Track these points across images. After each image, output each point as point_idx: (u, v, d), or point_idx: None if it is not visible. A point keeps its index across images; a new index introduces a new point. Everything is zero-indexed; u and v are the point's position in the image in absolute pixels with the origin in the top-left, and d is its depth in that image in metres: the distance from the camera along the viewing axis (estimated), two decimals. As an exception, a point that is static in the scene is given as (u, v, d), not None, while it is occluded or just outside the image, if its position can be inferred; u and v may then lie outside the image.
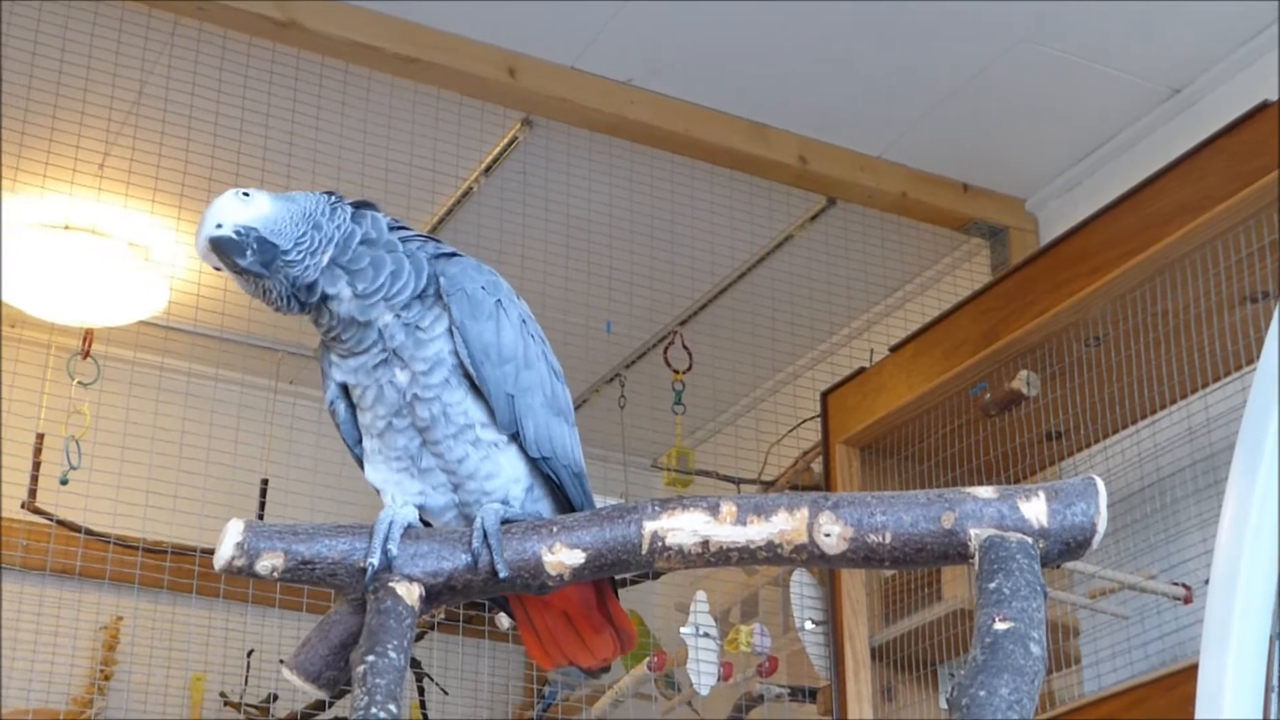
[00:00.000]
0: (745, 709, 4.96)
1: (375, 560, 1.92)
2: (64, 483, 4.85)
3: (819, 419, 4.85)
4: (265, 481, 5.43)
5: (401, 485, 2.08)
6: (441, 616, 5.38)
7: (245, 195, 2.01)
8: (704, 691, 4.67)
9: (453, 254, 2.12)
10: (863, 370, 4.77)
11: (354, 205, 2.08)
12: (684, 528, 1.91)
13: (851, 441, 4.69)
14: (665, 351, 5.43)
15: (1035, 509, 1.82)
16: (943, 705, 4.62)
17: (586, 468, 2.21)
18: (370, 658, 1.83)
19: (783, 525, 1.88)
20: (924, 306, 5.36)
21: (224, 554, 1.92)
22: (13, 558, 5.29)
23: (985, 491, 1.85)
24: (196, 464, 4.95)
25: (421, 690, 5.68)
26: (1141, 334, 3.98)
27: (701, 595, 4.79)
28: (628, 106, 4.79)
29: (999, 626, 1.70)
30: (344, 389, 2.10)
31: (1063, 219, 4.96)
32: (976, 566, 1.79)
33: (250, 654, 5.51)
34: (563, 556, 1.93)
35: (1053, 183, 5.21)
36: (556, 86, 4.71)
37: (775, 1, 4.49)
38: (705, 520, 1.90)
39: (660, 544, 1.91)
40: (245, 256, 1.98)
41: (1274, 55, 4.47)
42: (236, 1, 4.34)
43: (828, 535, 1.86)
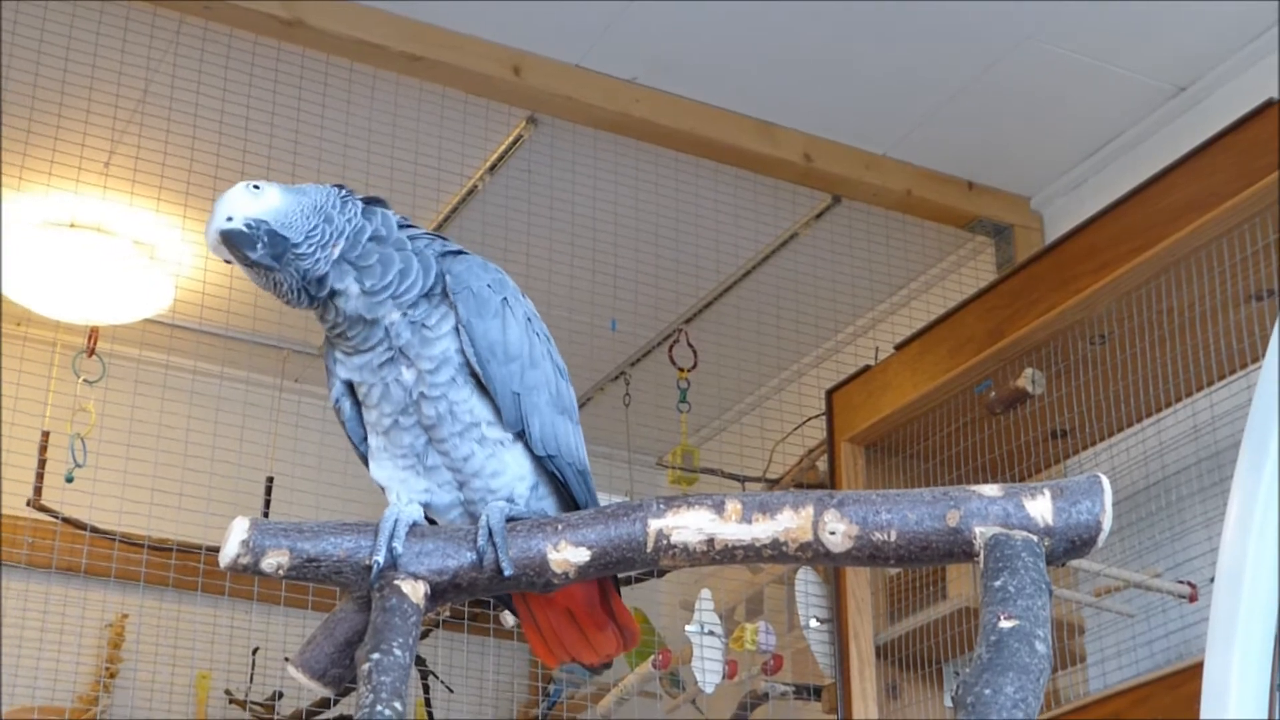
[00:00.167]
0: (750, 707, 4.96)
1: (380, 558, 1.92)
2: (69, 480, 4.85)
3: (824, 417, 4.85)
4: (270, 479, 5.43)
5: (407, 483, 2.08)
6: (446, 614, 5.38)
7: (256, 188, 2.00)
8: (709, 689, 4.67)
9: (459, 252, 2.11)
10: (867, 368, 4.76)
11: (364, 201, 2.08)
12: (689, 526, 1.91)
13: (856, 439, 4.68)
14: (670, 349, 5.42)
15: (1040, 507, 1.82)
16: (948, 703, 4.61)
17: (591, 466, 2.21)
18: (375, 655, 1.83)
19: (788, 523, 1.88)
20: (929, 304, 5.36)
21: (229, 552, 1.92)
22: (18, 555, 5.29)
23: (990, 489, 1.85)
24: (202, 462, 4.96)
25: (426, 688, 5.69)
26: (1146, 332, 3.97)
27: (706, 593, 4.79)
28: (633, 105, 4.79)
29: (1004, 624, 1.70)
30: (349, 386, 2.10)
31: (1068, 217, 4.95)
32: (981, 565, 1.79)
33: (255, 652, 5.52)
34: (568, 554, 1.94)
35: (1058, 181, 5.21)
36: (561, 85, 4.71)
37: (780, 0, 4.50)
38: (710, 518, 1.90)
39: (665, 542, 1.91)
40: (256, 249, 1.97)
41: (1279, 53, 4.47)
42: (242, 0, 4.34)
43: (833, 533, 1.86)
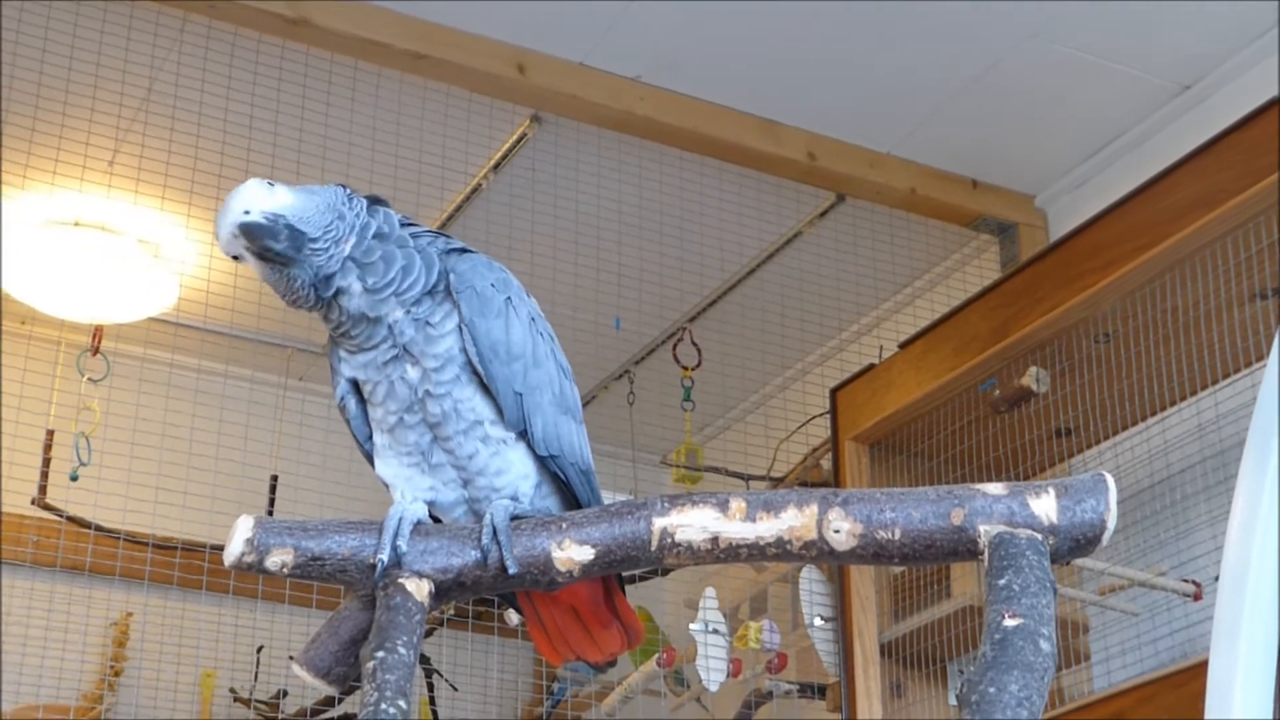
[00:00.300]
0: (754, 705, 4.96)
1: (385, 556, 1.92)
2: (74, 479, 4.86)
3: (828, 415, 4.85)
4: (275, 478, 5.44)
5: (412, 480, 2.08)
6: (451, 613, 5.38)
7: (270, 185, 2.01)
8: (713, 688, 4.67)
9: (463, 250, 2.11)
10: (872, 367, 4.76)
11: (366, 200, 2.08)
12: (693, 524, 1.91)
13: (860, 438, 4.68)
14: (674, 348, 5.42)
15: (1045, 505, 1.82)
16: (952, 702, 4.61)
17: (595, 464, 2.20)
18: (380, 654, 1.83)
19: (792, 522, 1.88)
20: (933, 303, 5.35)
21: (234, 550, 1.92)
22: (23, 554, 5.30)
23: (995, 488, 1.85)
24: (206, 460, 4.96)
25: (431, 686, 5.69)
26: (1151, 330, 3.97)
27: (710, 592, 4.79)
28: (637, 103, 4.79)
29: (1009, 623, 1.70)
30: (354, 385, 2.10)
31: (1072, 215, 4.95)
32: (986, 563, 1.79)
33: (260, 650, 5.52)
34: (572, 553, 1.94)
35: (1062, 179, 5.20)
36: (565, 83, 4.71)
37: (784, -2, 4.50)
38: (715, 517, 1.90)
39: (669, 540, 1.91)
40: (279, 240, 1.97)
41: (1284, 51, 4.46)
42: (246, -1, 4.35)
43: (837, 532, 1.86)
